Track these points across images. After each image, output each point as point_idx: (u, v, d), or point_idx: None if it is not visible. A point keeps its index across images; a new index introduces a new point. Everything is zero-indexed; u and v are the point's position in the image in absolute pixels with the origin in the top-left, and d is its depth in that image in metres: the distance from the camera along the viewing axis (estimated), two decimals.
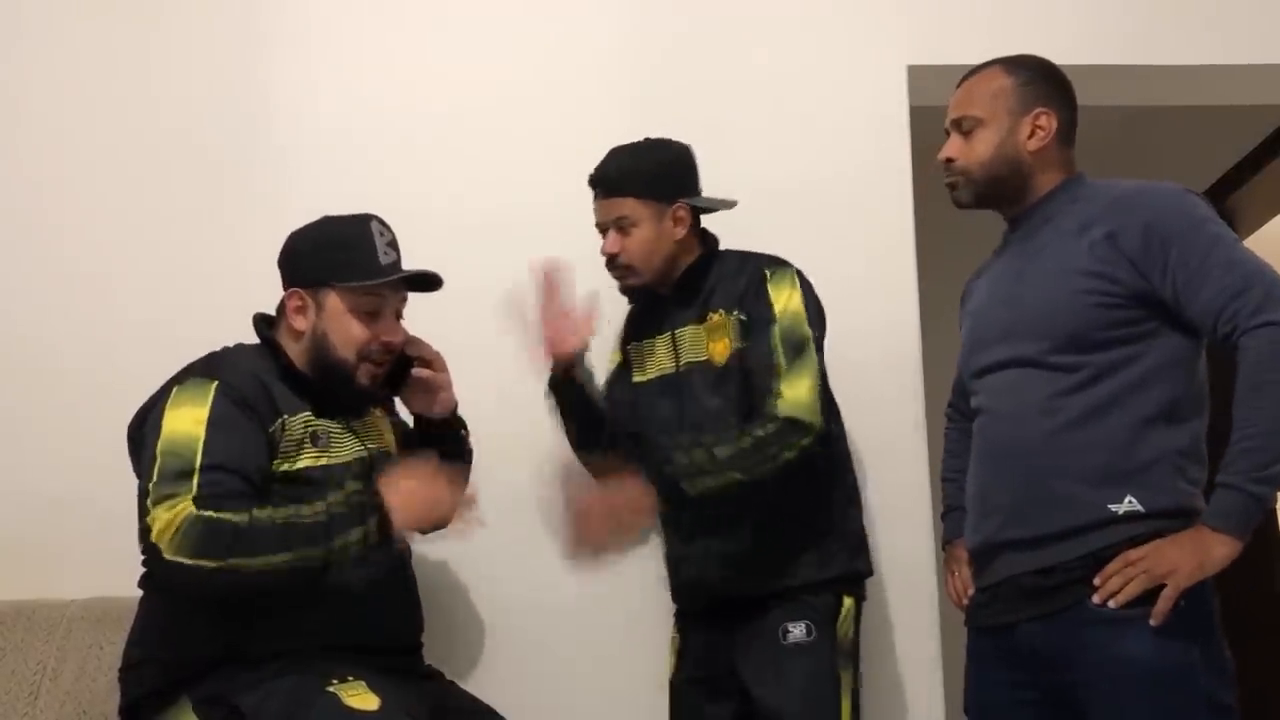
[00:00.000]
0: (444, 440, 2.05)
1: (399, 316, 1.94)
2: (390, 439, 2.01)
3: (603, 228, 2.14)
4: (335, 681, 1.65)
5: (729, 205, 2.20)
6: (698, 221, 2.18)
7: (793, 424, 1.94)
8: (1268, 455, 1.62)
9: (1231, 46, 2.68)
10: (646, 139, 2.17)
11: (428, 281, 1.94)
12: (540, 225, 2.51)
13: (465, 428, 2.11)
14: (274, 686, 1.65)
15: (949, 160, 1.92)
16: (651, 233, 2.10)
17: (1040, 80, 1.89)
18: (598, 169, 2.15)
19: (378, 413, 2.01)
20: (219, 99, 2.57)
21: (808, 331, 2.02)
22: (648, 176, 2.12)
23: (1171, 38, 2.69)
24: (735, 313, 2.07)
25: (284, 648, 1.71)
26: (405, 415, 2.12)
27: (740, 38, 2.64)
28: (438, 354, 2.03)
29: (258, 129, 2.56)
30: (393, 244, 1.92)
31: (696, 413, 2.08)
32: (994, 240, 2.07)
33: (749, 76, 2.61)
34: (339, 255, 1.87)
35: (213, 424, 1.72)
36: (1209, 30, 2.68)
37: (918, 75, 2.62)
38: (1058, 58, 1.94)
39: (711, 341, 2.09)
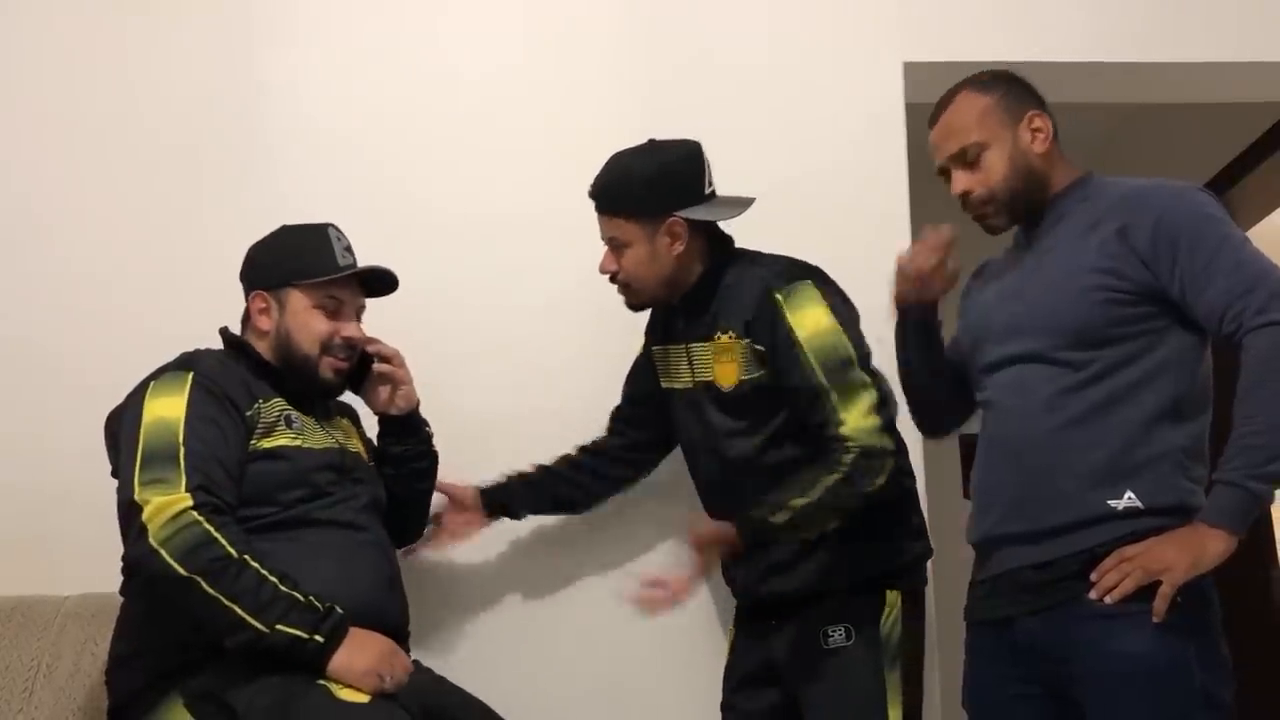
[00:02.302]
0: (408, 438, 2.09)
1: (359, 318, 1.99)
2: (360, 446, 2.05)
3: (603, 240, 2.08)
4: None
5: (735, 211, 2.06)
6: (708, 227, 2.07)
7: (866, 455, 1.88)
8: (1267, 453, 1.62)
9: (1228, 44, 2.68)
10: (649, 142, 2.06)
11: (384, 283, 2.00)
12: (538, 224, 2.52)
13: (428, 425, 2.13)
14: (265, 681, 1.65)
15: (966, 194, 1.88)
16: (644, 252, 2.01)
17: (1014, 88, 1.88)
18: (593, 181, 2.06)
19: (345, 421, 2.06)
20: (210, 96, 2.56)
21: (847, 349, 1.93)
22: (638, 193, 2.00)
23: (1168, 35, 2.68)
24: (747, 340, 1.97)
25: None
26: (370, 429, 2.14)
27: (736, 33, 2.64)
28: (396, 351, 2.06)
29: (250, 127, 2.55)
30: (349, 249, 1.98)
31: (712, 434, 2.07)
32: (989, 238, 2.06)
33: (745, 72, 2.61)
34: (300, 257, 1.95)
35: (191, 411, 1.76)
36: (1205, 28, 2.68)
37: (914, 72, 2.62)
38: (1054, 55, 1.95)
39: (718, 363, 2.02)
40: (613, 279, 2.07)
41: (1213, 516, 1.63)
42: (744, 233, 2.22)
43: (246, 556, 1.66)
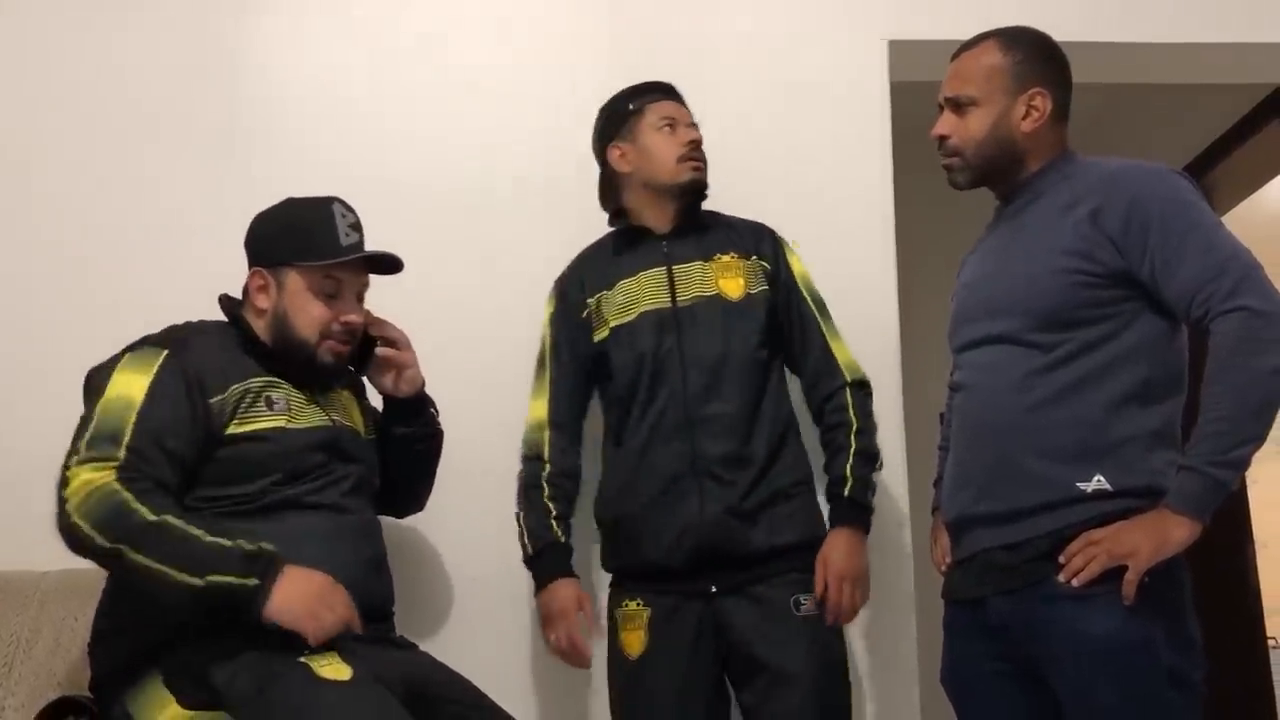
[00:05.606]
0: (413, 419, 2.07)
1: (361, 299, 1.95)
2: (358, 419, 2.02)
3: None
4: (307, 652, 1.64)
5: None
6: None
7: (859, 386, 2.13)
8: (1232, 439, 1.63)
9: (1211, 24, 2.69)
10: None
11: (389, 264, 1.95)
12: (517, 201, 2.51)
13: (434, 406, 2.11)
14: (246, 658, 1.65)
15: (942, 138, 1.90)
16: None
17: (1036, 59, 1.87)
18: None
19: (345, 392, 2.02)
20: (186, 68, 2.55)
21: (821, 296, 2.18)
22: None
23: (1152, 15, 2.69)
24: (754, 258, 2.14)
25: None
26: (375, 401, 2.11)
27: (722, 11, 2.63)
28: (402, 333, 2.03)
29: (225, 100, 2.54)
30: (355, 225, 1.92)
31: (699, 348, 2.06)
32: (973, 218, 2.07)
33: (730, 51, 2.60)
34: (300, 236, 1.89)
35: (152, 393, 1.74)
36: (1190, 9, 2.69)
37: (898, 51, 2.62)
38: None
39: (723, 278, 2.11)
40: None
41: (1177, 503, 1.64)
42: (726, 208, 2.23)
43: (167, 517, 1.64)
